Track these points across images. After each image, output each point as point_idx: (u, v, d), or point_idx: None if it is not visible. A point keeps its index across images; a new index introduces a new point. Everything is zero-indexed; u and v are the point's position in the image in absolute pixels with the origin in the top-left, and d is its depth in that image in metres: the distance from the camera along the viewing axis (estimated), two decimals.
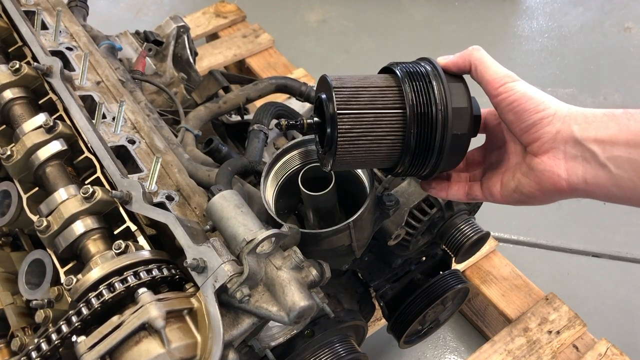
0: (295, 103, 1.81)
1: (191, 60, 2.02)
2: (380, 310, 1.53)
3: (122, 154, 1.23)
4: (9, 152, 1.14)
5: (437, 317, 1.60)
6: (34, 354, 0.88)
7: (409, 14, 3.27)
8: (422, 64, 0.87)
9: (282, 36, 2.97)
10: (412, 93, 0.84)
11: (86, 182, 1.10)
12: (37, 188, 1.15)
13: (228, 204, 0.99)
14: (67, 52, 1.43)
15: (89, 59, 1.41)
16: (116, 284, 0.90)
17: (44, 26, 1.48)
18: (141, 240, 1.04)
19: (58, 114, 1.23)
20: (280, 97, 1.97)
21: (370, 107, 0.83)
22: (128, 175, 1.09)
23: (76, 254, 1.05)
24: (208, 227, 1.04)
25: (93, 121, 1.20)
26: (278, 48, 2.74)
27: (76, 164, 1.19)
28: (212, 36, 2.84)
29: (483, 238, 1.34)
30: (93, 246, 1.03)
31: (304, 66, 2.63)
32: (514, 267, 1.88)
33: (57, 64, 1.25)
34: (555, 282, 2.02)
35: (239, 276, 0.90)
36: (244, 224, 0.95)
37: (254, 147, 1.43)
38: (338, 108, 0.82)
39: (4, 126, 1.27)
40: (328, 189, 1.01)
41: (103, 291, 0.89)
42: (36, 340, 0.89)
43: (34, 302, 0.99)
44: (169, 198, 1.13)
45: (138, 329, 0.84)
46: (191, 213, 1.13)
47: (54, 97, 1.25)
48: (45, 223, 1.03)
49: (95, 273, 0.93)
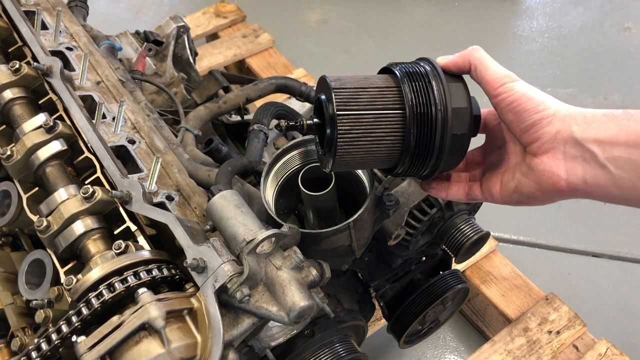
0: (295, 103, 1.81)
1: (191, 60, 2.02)
2: (380, 310, 1.53)
3: (122, 154, 1.23)
4: (9, 152, 1.14)
5: (437, 317, 1.60)
6: (34, 354, 0.88)
7: (409, 14, 3.27)
8: (422, 64, 0.87)
9: (282, 36, 2.97)
10: (412, 93, 0.83)
11: (86, 182, 1.10)
12: (37, 188, 1.15)
13: (228, 204, 0.99)
14: (67, 52, 1.43)
15: (89, 59, 1.41)
16: (116, 284, 0.90)
17: (44, 26, 1.48)
18: (141, 240, 1.04)
19: (58, 114, 1.23)
20: (280, 97, 1.97)
21: (369, 108, 0.83)
22: (128, 175, 1.09)
23: (76, 254, 1.05)
24: (208, 227, 1.04)
25: (93, 121, 1.20)
26: (278, 48, 2.74)
27: (76, 164, 1.19)
28: (212, 36, 2.84)
29: (483, 238, 1.34)
30: (93, 246, 1.03)
31: (304, 66, 2.63)
32: (514, 267, 1.87)
33: (57, 64, 1.25)
34: (555, 282, 2.02)
35: (239, 276, 0.90)
36: (244, 224, 0.95)
37: (254, 147, 1.43)
38: (337, 109, 0.82)
39: (4, 126, 1.27)
40: (328, 189, 1.01)
41: (103, 291, 0.89)
42: (36, 340, 0.89)
43: (34, 302, 0.99)
44: (169, 198, 1.13)
45: (138, 329, 0.84)
46: (191, 213, 1.13)
47: (54, 97, 1.25)
48: (45, 223, 1.03)
49: (95, 273, 0.93)
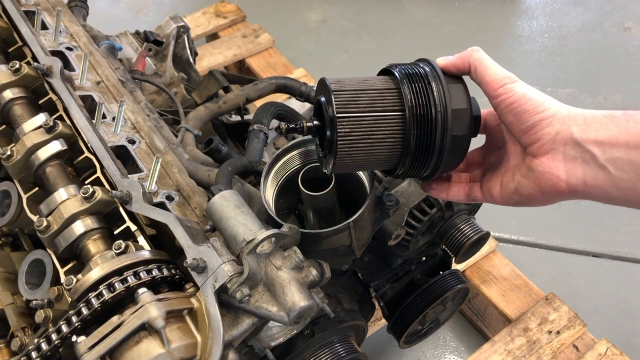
0: (295, 103, 1.81)
1: (191, 60, 2.02)
2: (380, 310, 1.53)
3: (122, 154, 1.23)
4: (9, 152, 1.14)
5: (437, 317, 1.60)
6: (34, 354, 0.88)
7: (409, 14, 3.27)
8: (421, 66, 0.87)
9: (282, 36, 2.97)
10: (411, 95, 0.83)
11: (86, 182, 1.10)
12: (37, 188, 1.15)
13: (228, 204, 0.99)
14: (67, 52, 1.43)
15: (89, 59, 1.41)
16: (116, 284, 0.90)
17: (44, 26, 1.48)
18: (141, 240, 1.04)
19: (58, 114, 1.23)
20: (280, 97, 1.97)
21: (369, 110, 0.83)
22: (128, 175, 1.09)
23: (76, 254, 1.05)
24: (208, 227, 1.04)
25: (93, 121, 1.20)
26: (278, 48, 2.74)
27: (76, 164, 1.19)
28: (212, 36, 2.84)
29: (483, 238, 1.34)
30: (93, 246, 1.03)
31: (304, 66, 2.63)
32: (514, 267, 1.87)
33: (57, 64, 1.25)
34: (555, 282, 2.02)
35: (239, 276, 0.90)
36: (244, 224, 0.95)
37: (254, 147, 1.43)
38: (337, 111, 0.82)
39: (4, 126, 1.27)
40: (328, 189, 1.01)
41: (103, 291, 0.89)
42: (36, 340, 0.89)
43: (34, 302, 0.99)
44: (169, 198, 1.13)
45: (138, 329, 0.84)
46: (191, 213, 1.13)
47: (54, 97, 1.25)
48: (45, 223, 1.03)
49: (95, 273, 0.93)
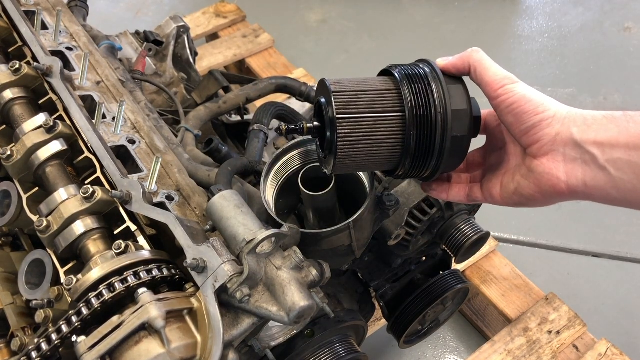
0: (295, 103, 1.81)
1: (191, 60, 2.02)
2: (380, 310, 1.53)
3: (122, 154, 1.23)
4: (9, 152, 1.14)
5: (437, 317, 1.60)
6: (34, 354, 0.88)
7: (409, 14, 3.27)
8: (421, 66, 0.87)
9: (282, 36, 2.97)
10: (411, 96, 0.83)
11: (86, 182, 1.10)
12: (37, 188, 1.15)
13: (228, 204, 0.99)
14: (67, 52, 1.43)
15: (89, 59, 1.41)
16: (116, 284, 0.90)
17: (44, 26, 1.48)
18: (141, 240, 1.04)
19: (58, 114, 1.23)
20: (280, 97, 1.97)
21: (369, 111, 0.83)
22: (128, 175, 1.09)
23: (76, 254, 1.05)
24: (208, 227, 1.04)
25: (93, 121, 1.20)
26: (278, 48, 2.74)
27: (76, 164, 1.19)
28: (212, 36, 2.84)
29: (483, 238, 1.34)
30: (93, 246, 1.03)
31: (304, 66, 2.63)
32: (514, 267, 1.87)
33: (57, 64, 1.25)
34: (555, 282, 2.02)
35: (239, 276, 0.90)
36: (244, 224, 0.95)
37: (254, 147, 1.43)
38: (337, 112, 0.82)
39: (4, 126, 1.27)
40: (328, 189, 1.01)
41: (103, 291, 0.89)
42: (36, 340, 0.90)
43: (34, 302, 0.99)
44: (169, 198, 1.13)
45: (138, 329, 0.84)
46: (191, 213, 1.13)
47: (54, 97, 1.25)
48: (45, 223, 1.03)
49: (95, 273, 0.93)
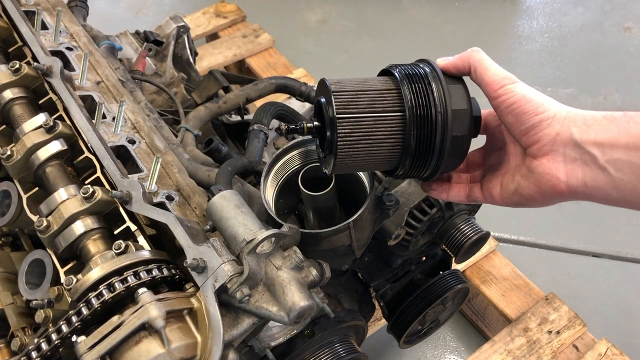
0: (295, 103, 1.81)
1: (191, 60, 2.02)
2: (380, 310, 1.53)
3: (122, 154, 1.23)
4: (9, 152, 1.14)
5: (437, 317, 1.60)
6: (34, 354, 0.88)
7: (409, 14, 3.27)
8: (421, 66, 0.87)
9: (282, 36, 2.97)
10: (411, 95, 0.83)
11: (86, 182, 1.10)
12: (37, 188, 1.15)
13: (228, 204, 0.99)
14: (67, 52, 1.43)
15: (89, 59, 1.41)
16: (116, 284, 0.90)
17: (44, 26, 1.48)
18: (141, 240, 1.04)
19: (58, 114, 1.23)
20: (280, 97, 1.97)
21: (369, 111, 0.83)
22: (128, 175, 1.09)
23: (76, 254, 1.05)
24: (208, 227, 1.04)
25: (93, 121, 1.20)
26: (278, 48, 2.74)
27: (76, 164, 1.19)
28: (212, 36, 2.84)
29: (483, 238, 1.34)
30: (93, 246, 1.03)
31: (304, 66, 2.63)
32: (514, 267, 1.88)
33: (57, 64, 1.25)
34: (555, 282, 2.02)
35: (239, 276, 0.90)
36: (244, 224, 0.95)
37: (254, 147, 1.43)
38: (337, 112, 0.82)
39: (4, 126, 1.27)
40: (328, 189, 1.01)
41: (103, 291, 0.89)
42: (36, 340, 0.90)
43: (34, 302, 0.99)
44: (169, 198, 1.13)
45: (138, 329, 0.84)
46: (191, 213, 1.13)
47: (54, 97, 1.25)
48: (45, 223, 1.03)
49: (95, 273, 0.93)
